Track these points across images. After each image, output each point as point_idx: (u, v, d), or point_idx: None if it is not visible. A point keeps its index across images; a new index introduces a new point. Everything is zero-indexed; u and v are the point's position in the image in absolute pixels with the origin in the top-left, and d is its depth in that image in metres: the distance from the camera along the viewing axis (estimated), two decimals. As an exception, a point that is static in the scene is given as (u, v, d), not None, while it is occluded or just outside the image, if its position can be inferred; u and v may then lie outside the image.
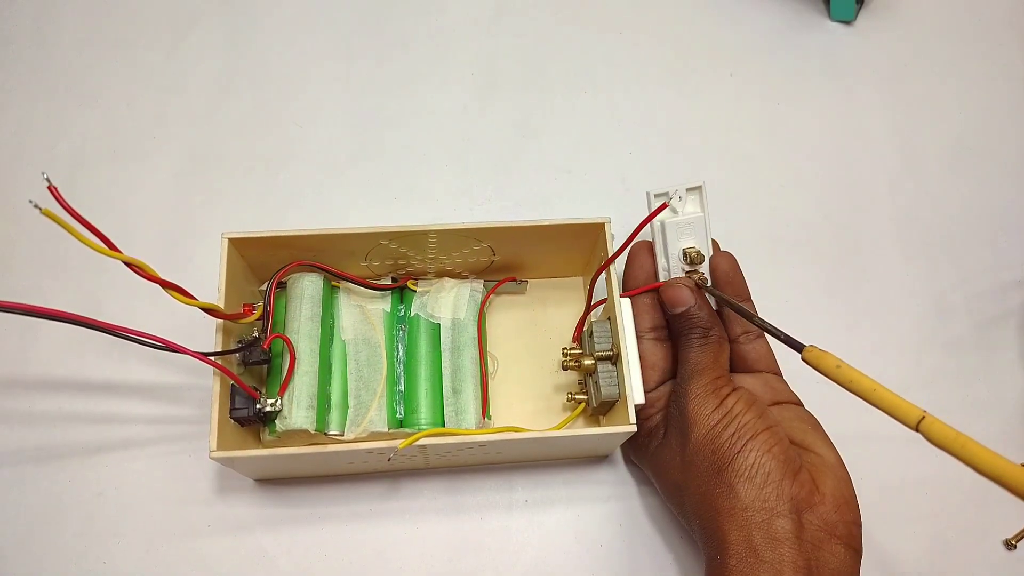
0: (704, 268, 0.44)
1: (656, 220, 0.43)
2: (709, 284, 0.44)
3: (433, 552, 0.44)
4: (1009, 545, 0.46)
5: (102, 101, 0.55)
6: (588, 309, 0.45)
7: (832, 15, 0.61)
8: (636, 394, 0.39)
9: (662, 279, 0.44)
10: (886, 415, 0.31)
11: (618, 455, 0.47)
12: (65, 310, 0.31)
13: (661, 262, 0.44)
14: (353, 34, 0.58)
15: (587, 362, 0.42)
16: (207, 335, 0.39)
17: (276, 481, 0.45)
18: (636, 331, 0.42)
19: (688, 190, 0.43)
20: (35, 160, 0.53)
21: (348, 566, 0.43)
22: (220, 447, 0.36)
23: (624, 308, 0.41)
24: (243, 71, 0.56)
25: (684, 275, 0.44)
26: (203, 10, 0.58)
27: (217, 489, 0.44)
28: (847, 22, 0.61)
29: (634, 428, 0.39)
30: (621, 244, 0.41)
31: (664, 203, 0.38)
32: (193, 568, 0.43)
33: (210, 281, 0.40)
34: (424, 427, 0.42)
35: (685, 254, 0.43)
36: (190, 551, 0.43)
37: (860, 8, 0.61)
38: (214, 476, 0.45)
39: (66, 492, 0.44)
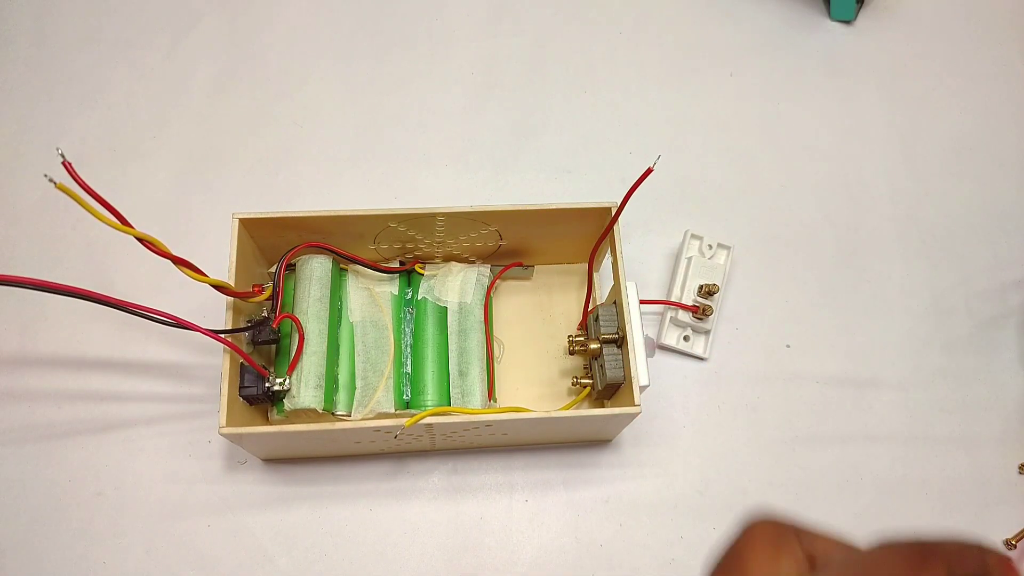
0: (715, 301, 0.49)
1: (686, 254, 0.50)
2: (714, 314, 0.49)
3: (437, 530, 0.44)
4: (1009, 545, 0.46)
5: (102, 101, 0.55)
6: (590, 290, 0.45)
7: (832, 15, 0.61)
8: (641, 376, 0.40)
9: (674, 299, 0.49)
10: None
11: (620, 440, 0.47)
12: (77, 286, 0.32)
13: (675, 290, 0.49)
14: (353, 34, 0.58)
15: (593, 346, 0.42)
16: (215, 318, 0.39)
17: (284, 461, 0.45)
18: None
19: (720, 245, 0.51)
20: (35, 160, 0.53)
21: (355, 543, 0.44)
22: (229, 423, 0.37)
23: (630, 291, 0.41)
24: (243, 71, 0.56)
25: (694, 303, 0.49)
26: (203, 10, 0.58)
27: (225, 468, 0.45)
28: (847, 22, 0.61)
29: (638, 409, 0.39)
30: (615, 212, 0.41)
31: (649, 168, 0.38)
32: (197, 543, 0.43)
33: (213, 275, 0.40)
34: (430, 408, 0.42)
35: (701, 287, 0.49)
36: (194, 530, 0.43)
37: (860, 8, 0.61)
38: (222, 455, 0.45)
39: (66, 491, 0.44)
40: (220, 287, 0.37)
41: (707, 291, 0.49)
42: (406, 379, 0.44)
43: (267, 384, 0.39)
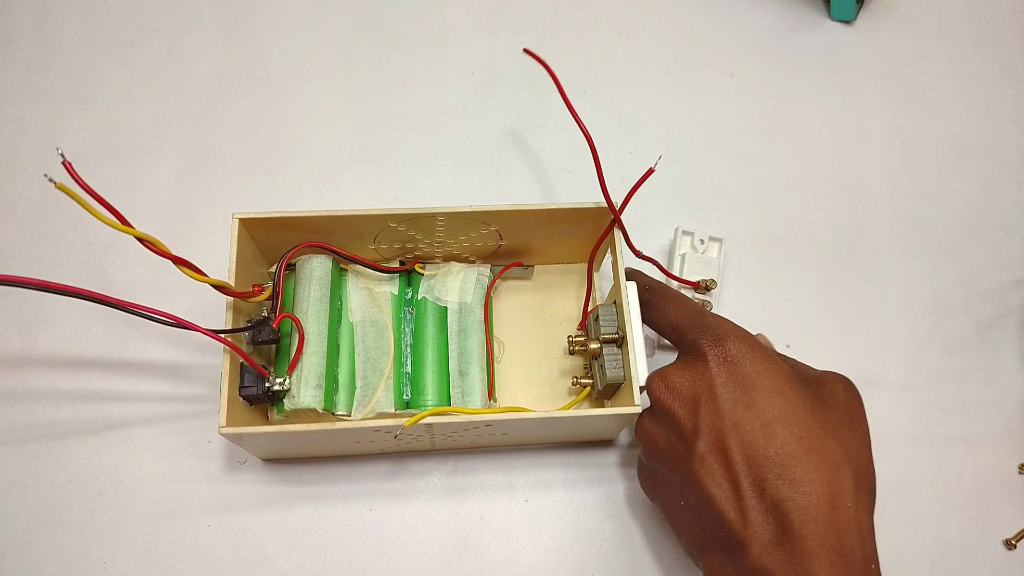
0: (713, 297, 0.49)
1: (679, 251, 0.50)
2: (712, 310, 0.47)
3: (437, 530, 0.44)
4: (1009, 545, 0.46)
5: (102, 101, 0.55)
6: (589, 290, 0.45)
7: (832, 15, 0.61)
8: (641, 376, 0.40)
9: None
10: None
11: (621, 440, 0.47)
12: (77, 286, 0.32)
13: (673, 284, 0.49)
14: (353, 34, 0.58)
15: (593, 346, 0.42)
16: (215, 318, 0.39)
17: (284, 461, 0.45)
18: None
19: (711, 238, 0.50)
20: (35, 160, 0.53)
21: (355, 543, 0.44)
22: (229, 423, 0.37)
23: (630, 292, 0.41)
24: (243, 71, 0.57)
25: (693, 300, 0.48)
26: (203, 10, 0.58)
27: (225, 468, 0.45)
28: (847, 22, 0.61)
29: (639, 409, 0.39)
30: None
31: (651, 168, 0.38)
32: (197, 543, 0.43)
33: (213, 275, 0.40)
34: (430, 408, 0.42)
35: (698, 283, 0.48)
36: (194, 530, 0.43)
37: (860, 8, 0.61)
38: (222, 455, 0.45)
39: (66, 491, 0.44)
40: (220, 287, 0.37)
41: (705, 286, 0.48)
42: (406, 379, 0.44)
43: (267, 384, 0.39)
